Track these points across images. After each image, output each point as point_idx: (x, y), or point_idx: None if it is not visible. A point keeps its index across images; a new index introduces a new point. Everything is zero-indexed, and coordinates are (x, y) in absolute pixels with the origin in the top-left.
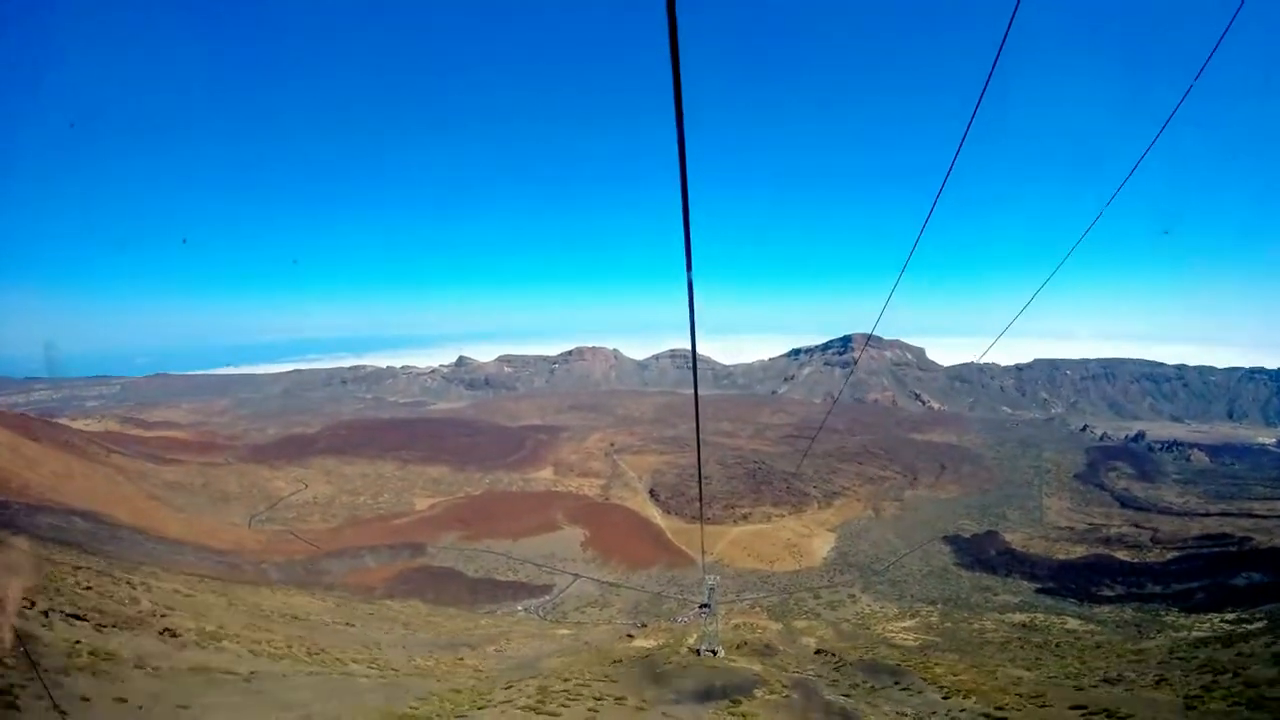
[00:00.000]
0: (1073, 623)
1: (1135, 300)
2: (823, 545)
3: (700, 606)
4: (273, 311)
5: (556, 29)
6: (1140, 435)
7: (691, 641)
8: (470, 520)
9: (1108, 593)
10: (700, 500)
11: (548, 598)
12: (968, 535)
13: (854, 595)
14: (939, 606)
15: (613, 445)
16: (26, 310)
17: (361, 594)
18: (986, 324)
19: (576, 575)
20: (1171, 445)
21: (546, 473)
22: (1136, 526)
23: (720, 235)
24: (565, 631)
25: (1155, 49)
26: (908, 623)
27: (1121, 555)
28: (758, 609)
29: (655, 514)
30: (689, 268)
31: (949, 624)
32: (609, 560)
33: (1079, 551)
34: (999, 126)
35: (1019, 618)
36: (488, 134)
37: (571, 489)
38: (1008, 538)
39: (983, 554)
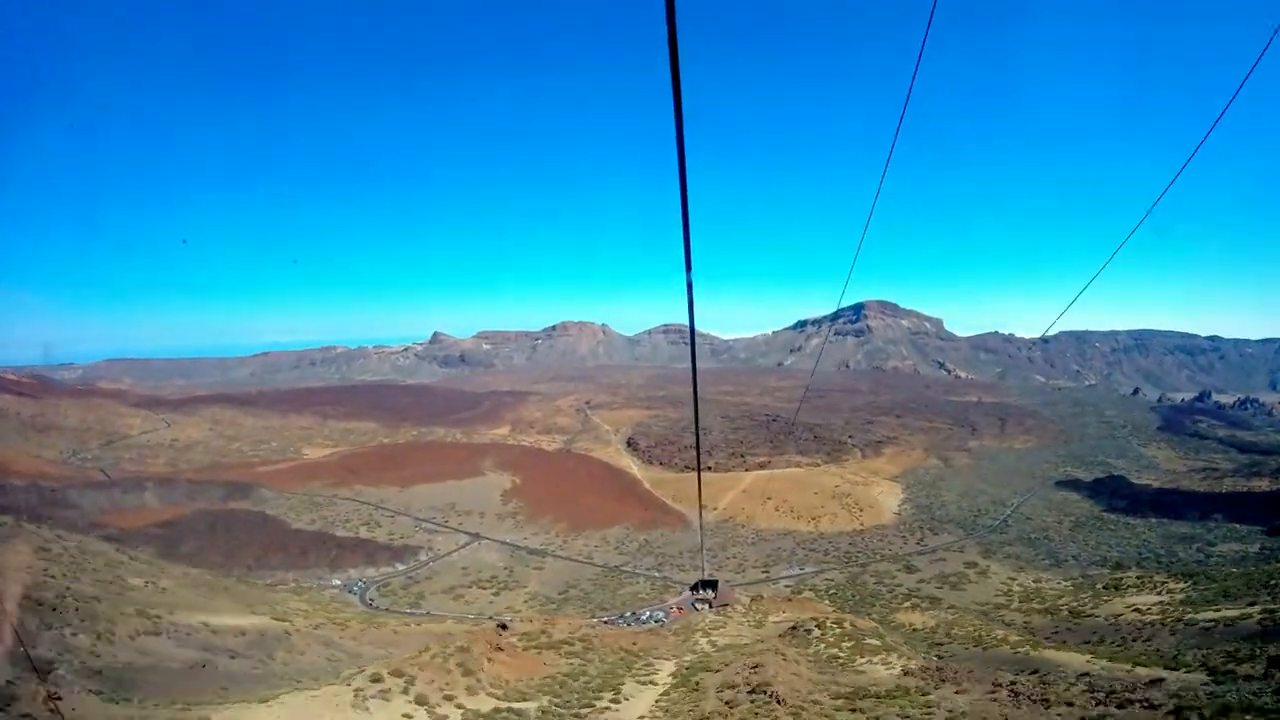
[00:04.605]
0: None
1: (1139, 297)
2: (888, 497)
3: (693, 589)
4: (268, 317)
5: None
6: (1207, 394)
7: None
8: (360, 469)
9: None
10: (697, 441)
11: (402, 566)
12: (1088, 480)
13: (975, 563)
14: (1140, 569)
15: (588, 403)
16: (20, 308)
17: (80, 533)
18: (988, 313)
19: (476, 535)
20: (1246, 402)
21: (501, 430)
22: None
23: (715, 224)
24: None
25: (1157, 41)
26: (1146, 597)
27: None
28: (807, 592)
29: (631, 464)
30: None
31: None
32: (539, 516)
33: (1264, 485)
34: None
35: None
36: (475, 114)
37: (525, 444)
38: (1139, 481)
39: (1140, 496)
